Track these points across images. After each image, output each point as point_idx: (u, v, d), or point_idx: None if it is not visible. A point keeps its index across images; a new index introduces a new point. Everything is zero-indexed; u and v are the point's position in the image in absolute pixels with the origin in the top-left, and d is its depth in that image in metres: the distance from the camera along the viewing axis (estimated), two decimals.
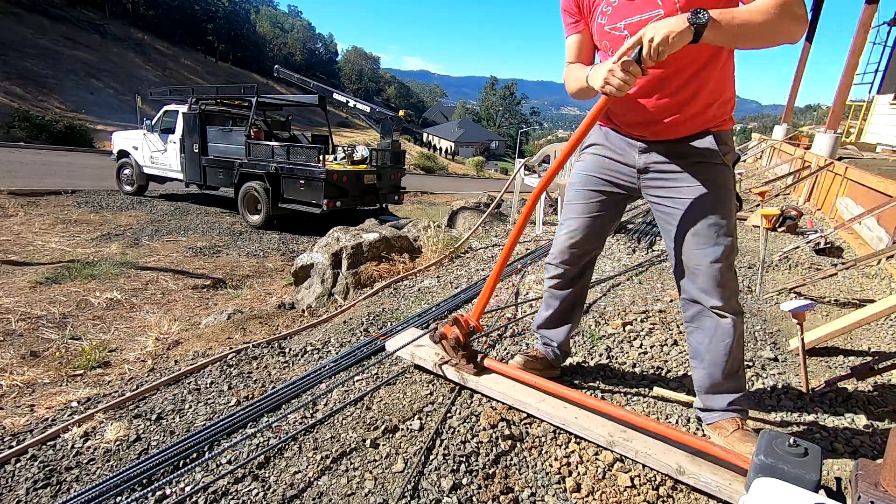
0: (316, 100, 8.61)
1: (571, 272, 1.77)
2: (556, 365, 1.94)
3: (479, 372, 1.76)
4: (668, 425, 1.47)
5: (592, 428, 1.51)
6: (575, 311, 1.86)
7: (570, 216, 1.72)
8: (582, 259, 1.75)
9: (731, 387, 1.53)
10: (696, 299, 1.50)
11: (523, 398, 1.64)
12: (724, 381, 1.52)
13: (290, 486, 1.40)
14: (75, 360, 2.87)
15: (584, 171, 1.68)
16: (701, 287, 1.46)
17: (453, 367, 1.79)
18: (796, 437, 1.12)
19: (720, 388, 1.53)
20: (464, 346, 1.77)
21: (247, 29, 60.73)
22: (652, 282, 3.18)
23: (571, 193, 1.71)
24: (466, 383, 1.76)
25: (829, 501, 0.89)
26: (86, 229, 6.74)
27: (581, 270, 1.79)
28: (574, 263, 1.75)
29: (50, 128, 17.41)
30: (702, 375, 1.55)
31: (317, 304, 3.63)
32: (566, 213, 1.74)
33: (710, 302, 1.46)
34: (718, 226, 1.43)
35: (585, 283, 1.85)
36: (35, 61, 27.75)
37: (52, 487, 1.44)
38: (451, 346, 1.77)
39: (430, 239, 4.07)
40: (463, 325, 1.73)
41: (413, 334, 2.08)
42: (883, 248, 3.64)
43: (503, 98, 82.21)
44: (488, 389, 1.71)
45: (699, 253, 1.45)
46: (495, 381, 1.73)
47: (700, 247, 1.45)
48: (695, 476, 1.33)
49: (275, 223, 8.05)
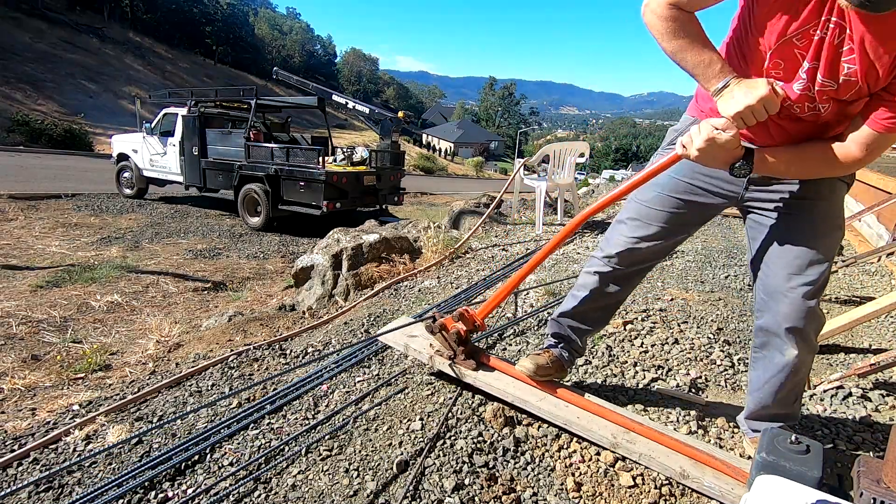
0: (315, 101, 8.61)
1: (621, 273, 1.54)
2: (567, 367, 1.74)
3: (478, 368, 1.72)
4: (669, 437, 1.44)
5: (595, 429, 1.49)
6: (605, 315, 1.69)
7: (642, 219, 1.47)
8: (639, 265, 1.55)
9: (783, 416, 1.43)
10: (773, 328, 1.33)
11: (524, 396, 1.61)
12: (776, 410, 1.42)
13: (291, 488, 1.40)
14: (76, 364, 2.87)
15: (676, 175, 1.42)
16: (787, 314, 1.29)
17: (451, 362, 1.74)
18: (798, 435, 1.12)
19: (771, 418, 1.44)
20: (464, 342, 1.72)
21: (245, 31, 60.76)
22: (653, 281, 3.18)
23: (652, 194, 1.46)
24: (464, 378, 1.72)
25: (831, 498, 0.89)
26: (86, 233, 6.74)
27: (634, 274, 1.57)
28: (628, 267, 1.53)
29: (49, 131, 17.41)
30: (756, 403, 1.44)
31: (317, 305, 3.62)
32: (636, 213, 1.49)
33: (791, 333, 1.29)
34: (824, 251, 1.27)
35: (631, 289, 1.64)
36: (34, 65, 27.75)
37: (55, 490, 1.45)
38: (452, 340, 1.71)
39: (430, 240, 4.07)
40: (468, 320, 1.67)
41: (403, 321, 1.99)
42: (883, 245, 3.64)
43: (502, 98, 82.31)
44: (487, 386, 1.67)
45: (796, 278, 1.27)
46: (495, 378, 1.68)
47: (799, 270, 1.27)
48: (697, 480, 1.33)
49: (275, 225, 8.06)
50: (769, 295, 1.33)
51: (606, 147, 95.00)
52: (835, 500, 0.89)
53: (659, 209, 1.44)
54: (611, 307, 1.66)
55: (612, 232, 1.56)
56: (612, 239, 1.54)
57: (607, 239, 1.56)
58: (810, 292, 1.27)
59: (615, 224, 1.56)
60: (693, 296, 2.92)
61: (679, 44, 1.17)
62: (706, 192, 1.40)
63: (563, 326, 1.69)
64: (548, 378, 1.67)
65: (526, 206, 6.21)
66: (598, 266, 1.56)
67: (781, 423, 1.43)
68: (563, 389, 1.63)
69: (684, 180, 1.41)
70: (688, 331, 2.44)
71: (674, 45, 1.18)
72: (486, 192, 7.56)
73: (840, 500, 0.88)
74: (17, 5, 33.11)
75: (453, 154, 55.98)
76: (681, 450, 1.39)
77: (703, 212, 1.45)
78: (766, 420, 1.44)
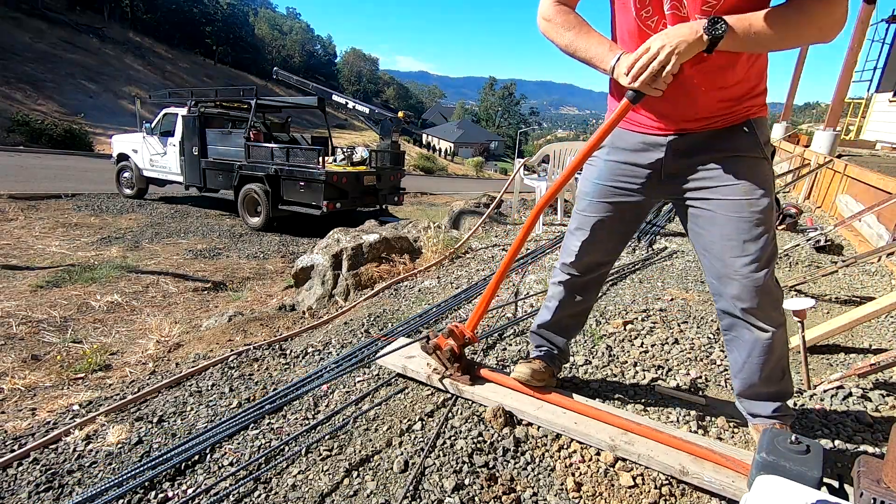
0: (315, 101, 8.61)
1: (583, 280, 1.62)
2: (556, 374, 1.81)
3: (474, 382, 1.74)
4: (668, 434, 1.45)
5: (593, 433, 1.50)
6: (579, 321, 1.76)
7: (583, 226, 1.54)
8: (598, 270, 1.62)
9: (774, 393, 1.44)
10: (730, 310, 1.35)
11: (521, 406, 1.64)
12: (765, 388, 1.43)
13: (291, 488, 1.40)
14: (76, 364, 2.87)
15: (597, 180, 1.49)
16: (737, 296, 1.31)
17: (448, 379, 1.77)
18: (798, 435, 1.12)
19: (761, 396, 1.45)
20: (458, 358, 1.75)
21: (245, 31, 60.75)
22: (652, 281, 3.18)
23: (584, 203, 1.54)
24: (462, 394, 1.75)
25: (831, 498, 0.89)
26: (86, 233, 6.74)
27: (596, 279, 1.65)
28: (588, 273, 1.61)
29: (49, 131, 17.41)
30: (741, 384, 1.46)
31: (317, 305, 3.62)
32: (579, 222, 1.56)
33: (748, 313, 1.31)
34: (759, 227, 1.27)
35: (596, 293, 1.72)
36: (34, 65, 27.75)
37: (55, 490, 1.45)
38: (445, 358, 1.75)
39: (430, 240, 4.07)
40: (458, 336, 1.70)
41: (401, 342, 2.04)
42: (883, 245, 3.64)
43: (502, 98, 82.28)
44: (484, 399, 1.70)
45: (737, 259, 1.29)
46: (492, 391, 1.72)
47: (738, 251, 1.29)
48: (698, 476, 1.33)
49: (275, 225, 8.06)
50: (718, 279, 1.36)
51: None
52: (835, 500, 0.89)
53: (593, 215, 1.51)
54: (581, 314, 1.74)
55: (565, 242, 1.63)
56: (566, 248, 1.61)
57: (563, 248, 1.63)
58: (756, 268, 1.28)
59: (567, 234, 1.63)
60: (693, 296, 2.92)
61: (569, 35, 1.27)
62: (628, 191, 1.45)
63: (542, 337, 1.77)
64: (542, 383, 1.71)
65: (526, 206, 6.21)
66: (560, 276, 1.64)
67: (775, 401, 1.45)
68: (559, 396, 1.64)
69: (607, 184, 1.47)
70: (688, 331, 2.44)
71: (566, 38, 1.27)
72: (486, 192, 7.56)
73: (840, 500, 0.88)
74: (17, 5, 33.11)
75: (453, 154, 55.98)
76: (679, 446, 1.39)
77: (635, 208, 1.50)
78: (758, 399, 1.46)
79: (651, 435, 1.44)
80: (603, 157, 1.49)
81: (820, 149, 7.23)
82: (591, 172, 1.53)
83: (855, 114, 11.07)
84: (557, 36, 1.29)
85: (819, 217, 5.59)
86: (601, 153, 1.50)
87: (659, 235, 4.44)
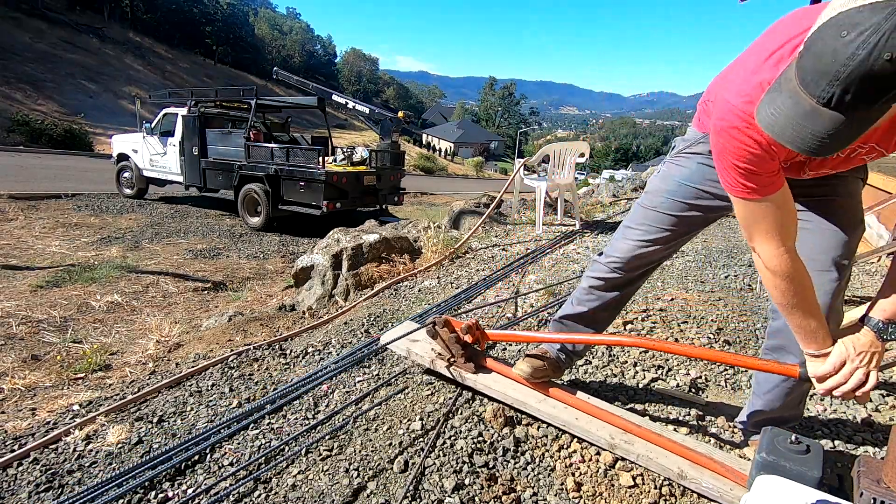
0: (315, 101, 8.62)
1: (627, 277, 1.56)
2: (563, 368, 1.76)
3: (478, 371, 1.74)
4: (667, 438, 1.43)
5: (593, 430, 1.50)
6: (612, 314, 1.69)
7: (648, 224, 1.48)
8: (645, 268, 1.57)
9: (791, 417, 1.43)
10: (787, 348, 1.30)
11: (523, 398, 1.63)
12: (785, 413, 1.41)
13: (291, 488, 1.40)
14: (76, 364, 2.87)
15: (686, 181, 1.41)
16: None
17: (451, 365, 1.76)
18: (798, 435, 1.12)
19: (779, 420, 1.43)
20: (464, 346, 1.75)
21: (245, 31, 60.78)
22: (652, 281, 3.18)
23: (660, 199, 1.46)
24: (464, 381, 1.74)
25: (831, 498, 0.89)
26: (86, 233, 6.74)
27: (639, 276, 1.60)
28: (634, 270, 1.55)
29: (49, 131, 17.42)
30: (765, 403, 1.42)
31: (317, 305, 3.62)
32: (643, 218, 1.49)
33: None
34: (845, 247, 1.22)
35: (637, 287, 1.66)
36: (34, 65, 27.76)
37: (55, 490, 1.45)
38: (452, 342, 1.73)
39: (430, 240, 4.07)
40: (474, 333, 1.69)
41: (408, 327, 2.02)
42: (883, 245, 3.64)
43: (502, 98, 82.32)
44: (486, 388, 1.69)
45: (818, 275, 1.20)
46: (494, 380, 1.70)
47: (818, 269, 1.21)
48: (696, 481, 1.33)
49: (275, 225, 8.06)
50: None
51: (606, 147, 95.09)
52: (835, 500, 0.89)
53: (667, 213, 1.45)
54: (615, 308, 1.67)
55: (619, 237, 1.56)
56: (619, 247, 1.54)
57: (615, 243, 1.56)
58: (835, 290, 1.23)
59: (622, 229, 1.56)
60: (693, 296, 2.92)
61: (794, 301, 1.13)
62: (714, 196, 1.38)
63: (566, 329, 1.69)
64: (544, 379, 1.67)
65: (526, 206, 6.21)
66: (603, 271, 1.57)
67: (787, 423, 1.42)
68: (562, 391, 1.63)
69: (695, 186, 1.40)
70: (688, 331, 2.44)
71: (788, 302, 1.14)
72: (486, 192, 7.56)
73: (840, 500, 0.88)
74: (17, 5, 33.12)
75: (453, 154, 55.98)
76: (679, 452, 1.39)
77: (710, 214, 1.45)
78: (773, 423, 1.41)
79: (651, 438, 1.44)
80: (697, 160, 1.40)
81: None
82: (678, 172, 1.44)
83: None
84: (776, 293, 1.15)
85: None
86: (694, 156, 1.41)
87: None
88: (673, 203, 1.44)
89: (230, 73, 51.96)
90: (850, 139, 0.80)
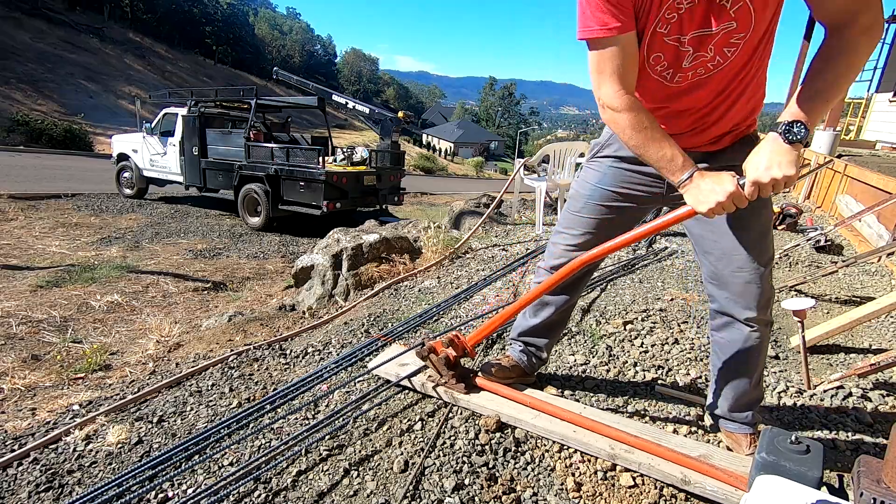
0: (315, 101, 8.61)
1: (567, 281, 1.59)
2: (531, 373, 1.85)
3: (470, 391, 1.72)
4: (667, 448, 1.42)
5: (592, 442, 1.49)
6: (564, 319, 1.79)
7: (575, 229, 1.56)
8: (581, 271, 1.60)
9: (753, 399, 1.50)
10: (727, 310, 1.40)
11: (518, 415, 1.62)
12: (750, 393, 1.48)
13: (291, 488, 1.40)
14: (76, 364, 2.87)
15: (600, 185, 1.50)
16: (736, 296, 1.37)
17: (443, 387, 1.75)
18: (798, 435, 1.12)
19: (743, 403, 1.50)
20: (454, 366, 1.74)
21: (245, 31, 60.80)
22: (652, 281, 3.18)
23: (580, 204, 1.55)
24: (458, 402, 1.73)
25: (831, 498, 0.89)
26: (86, 233, 6.74)
27: (578, 279, 1.67)
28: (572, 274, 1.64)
29: (49, 131, 17.41)
30: (726, 387, 1.49)
31: (317, 305, 3.62)
32: (570, 223, 1.57)
33: (745, 313, 1.37)
34: (760, 231, 1.35)
35: (579, 293, 1.75)
36: (34, 65, 27.75)
37: (55, 490, 1.44)
38: (441, 365, 1.73)
39: (430, 240, 4.07)
40: (458, 346, 1.70)
41: (395, 350, 2.01)
42: (883, 245, 3.64)
43: (502, 98, 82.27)
44: (481, 408, 1.68)
45: (737, 259, 1.34)
46: (488, 399, 1.70)
47: (739, 253, 1.34)
48: (700, 485, 1.33)
49: (275, 225, 8.05)
50: (718, 279, 1.40)
51: None
52: (835, 500, 0.89)
53: (588, 217, 1.53)
54: (564, 313, 1.76)
55: (551, 243, 1.64)
56: (553, 252, 1.62)
57: (550, 249, 1.64)
58: (760, 266, 1.34)
59: (553, 235, 1.65)
60: (693, 296, 2.92)
61: (639, 137, 1.21)
62: (630, 197, 1.48)
63: (528, 344, 1.80)
64: (509, 382, 1.75)
65: (526, 206, 6.21)
66: (545, 276, 1.64)
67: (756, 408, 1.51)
68: (557, 406, 1.62)
69: (610, 189, 1.49)
70: (688, 331, 2.44)
71: (635, 140, 1.22)
72: (486, 192, 7.55)
73: (840, 500, 0.88)
74: (17, 5, 33.11)
75: (453, 154, 55.97)
76: (679, 461, 1.38)
77: (632, 214, 1.53)
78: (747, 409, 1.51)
79: (648, 448, 1.43)
80: (608, 163, 1.50)
81: (820, 149, 7.23)
82: (592, 176, 1.53)
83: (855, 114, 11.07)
84: (624, 134, 1.24)
85: (819, 217, 5.60)
86: (605, 159, 1.51)
87: (659, 235, 4.44)
88: (593, 206, 1.52)
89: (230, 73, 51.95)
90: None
